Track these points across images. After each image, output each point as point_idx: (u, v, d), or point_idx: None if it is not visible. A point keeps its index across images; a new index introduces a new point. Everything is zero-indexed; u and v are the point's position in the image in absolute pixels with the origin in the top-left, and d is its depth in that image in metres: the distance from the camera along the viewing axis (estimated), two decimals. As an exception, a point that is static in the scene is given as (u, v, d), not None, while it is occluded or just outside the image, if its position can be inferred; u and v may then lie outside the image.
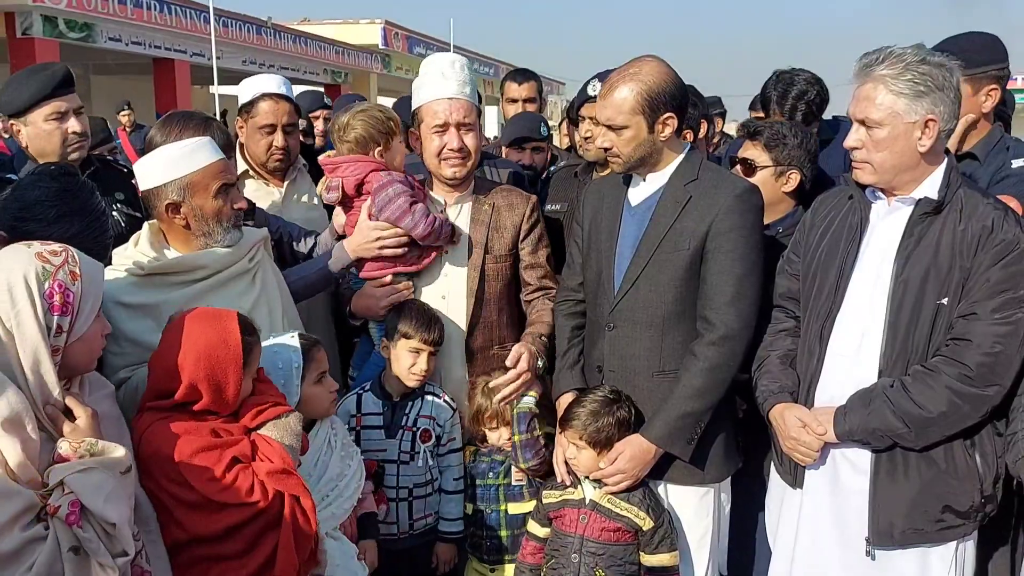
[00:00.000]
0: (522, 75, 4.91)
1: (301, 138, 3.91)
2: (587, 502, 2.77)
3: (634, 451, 2.70)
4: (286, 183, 3.71)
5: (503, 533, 3.03)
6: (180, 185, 2.52)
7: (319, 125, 5.28)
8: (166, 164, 2.54)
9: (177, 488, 2.10)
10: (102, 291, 2.05)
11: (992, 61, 2.91)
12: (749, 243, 2.68)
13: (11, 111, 3.07)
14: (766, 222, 2.91)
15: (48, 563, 1.78)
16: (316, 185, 3.58)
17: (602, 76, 3.39)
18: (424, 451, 2.99)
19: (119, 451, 1.93)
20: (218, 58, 17.73)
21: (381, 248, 3.02)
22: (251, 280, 2.70)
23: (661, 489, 2.84)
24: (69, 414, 1.95)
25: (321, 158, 3.28)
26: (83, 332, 1.97)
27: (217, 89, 16.91)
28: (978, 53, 2.88)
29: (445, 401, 3.06)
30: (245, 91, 3.64)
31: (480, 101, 3.33)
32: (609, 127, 2.70)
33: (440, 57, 3.23)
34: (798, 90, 3.78)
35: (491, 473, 3.04)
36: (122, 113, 12.00)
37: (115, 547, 1.85)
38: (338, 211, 3.24)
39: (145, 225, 2.67)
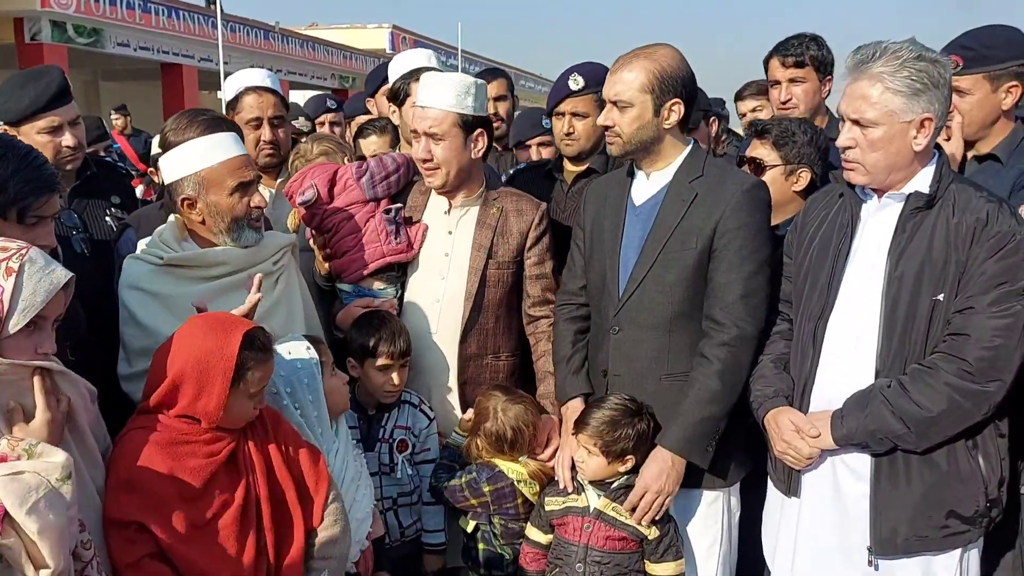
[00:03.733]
0: (490, 74, 4.84)
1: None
2: (591, 510, 2.71)
3: (660, 466, 2.62)
4: (278, 181, 3.55)
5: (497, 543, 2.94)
6: (196, 180, 2.51)
7: (324, 131, 5.17)
8: (185, 158, 2.54)
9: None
10: (50, 297, 1.90)
11: (1014, 56, 2.78)
12: (758, 240, 2.62)
13: (5, 120, 3.00)
14: (776, 222, 2.85)
15: None
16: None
17: (580, 69, 3.33)
18: (402, 461, 2.94)
19: (58, 456, 1.82)
20: (226, 63, 17.76)
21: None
22: (273, 283, 2.67)
23: (667, 496, 2.76)
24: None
25: (286, 189, 3.20)
26: (11, 334, 1.86)
27: (225, 94, 16.99)
28: (999, 48, 2.77)
29: (423, 411, 3.00)
30: (229, 88, 3.55)
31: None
32: (614, 103, 2.65)
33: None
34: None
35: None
36: (115, 116, 11.45)
37: (37, 553, 1.74)
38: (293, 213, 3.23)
39: (171, 217, 2.67)
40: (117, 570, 2.03)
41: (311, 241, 3.13)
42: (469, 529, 2.95)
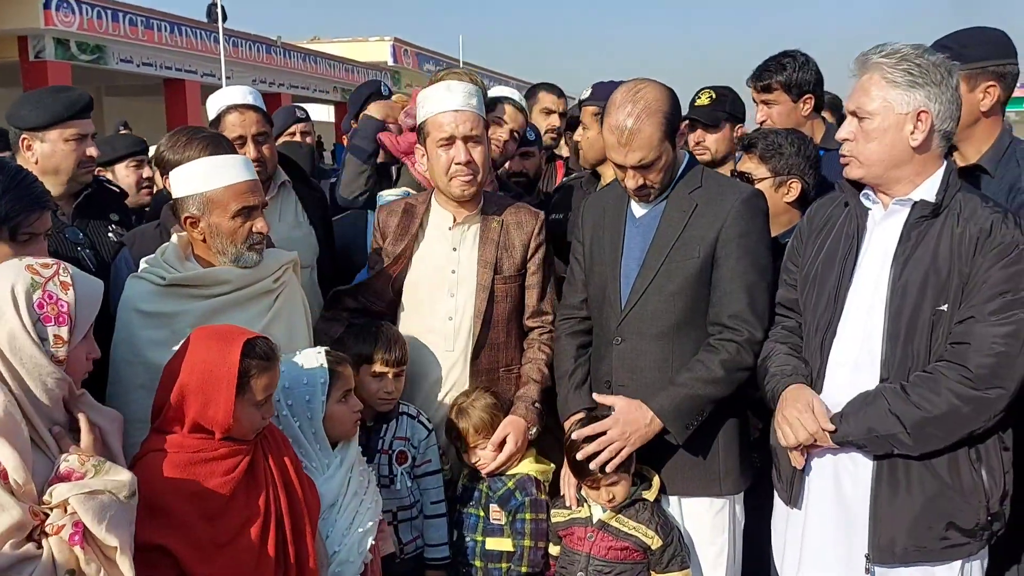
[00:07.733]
0: (559, 91, 4.86)
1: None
2: (594, 521, 2.72)
3: (629, 417, 2.62)
4: (267, 198, 3.42)
5: (477, 563, 2.91)
6: (200, 200, 2.52)
7: (296, 140, 5.11)
8: (192, 177, 2.54)
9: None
10: (97, 307, 2.01)
11: (991, 56, 2.70)
12: (760, 248, 2.67)
13: (30, 125, 3.01)
14: (772, 235, 2.85)
15: None
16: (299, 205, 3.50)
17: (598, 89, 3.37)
18: (401, 473, 2.91)
19: (124, 474, 1.90)
20: (228, 78, 17.87)
21: None
22: (272, 300, 2.67)
23: (674, 506, 2.77)
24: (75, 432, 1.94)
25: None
26: (77, 343, 1.94)
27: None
28: (976, 47, 2.69)
29: (420, 422, 2.97)
30: (211, 107, 3.49)
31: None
32: (641, 167, 2.63)
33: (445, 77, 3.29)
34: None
35: (471, 502, 2.93)
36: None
37: (114, 572, 1.82)
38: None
39: (173, 236, 2.67)
40: None
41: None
42: (454, 537, 2.94)
